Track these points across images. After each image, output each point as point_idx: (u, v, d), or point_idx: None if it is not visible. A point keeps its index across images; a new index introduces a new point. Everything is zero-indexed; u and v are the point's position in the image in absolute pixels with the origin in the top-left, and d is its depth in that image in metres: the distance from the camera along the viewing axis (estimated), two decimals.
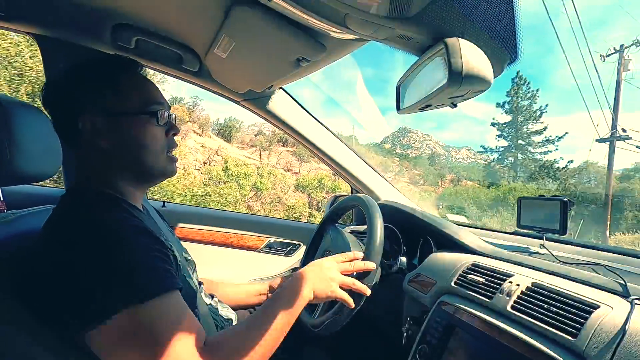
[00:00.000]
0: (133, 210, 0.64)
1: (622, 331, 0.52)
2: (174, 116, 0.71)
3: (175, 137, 0.72)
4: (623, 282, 0.64)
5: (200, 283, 0.85)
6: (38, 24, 0.94)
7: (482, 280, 0.78)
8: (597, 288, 0.65)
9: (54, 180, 4.27)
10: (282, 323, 0.63)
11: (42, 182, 0.86)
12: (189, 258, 0.82)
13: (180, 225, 1.46)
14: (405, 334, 0.93)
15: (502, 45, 0.59)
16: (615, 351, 0.51)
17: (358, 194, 1.09)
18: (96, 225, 0.52)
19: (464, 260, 0.88)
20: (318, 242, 1.18)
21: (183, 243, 0.99)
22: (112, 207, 0.59)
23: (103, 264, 0.49)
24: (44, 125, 0.69)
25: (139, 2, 0.82)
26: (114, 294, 0.48)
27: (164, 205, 1.47)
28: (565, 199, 0.87)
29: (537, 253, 0.91)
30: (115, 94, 0.63)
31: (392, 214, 1.24)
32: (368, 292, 0.81)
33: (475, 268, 0.84)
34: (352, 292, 0.81)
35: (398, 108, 0.74)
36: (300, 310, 0.69)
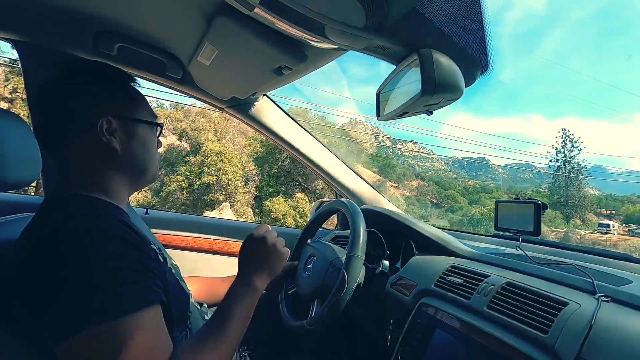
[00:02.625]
0: (118, 212, 0.63)
1: (589, 326, 0.55)
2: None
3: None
4: (591, 280, 0.67)
5: None
6: (18, 30, 0.93)
7: (460, 281, 0.80)
8: (567, 286, 0.69)
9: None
10: (242, 321, 0.64)
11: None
12: (174, 263, 0.82)
13: (164, 232, 1.44)
14: (389, 336, 0.94)
15: (474, 56, 0.62)
16: (582, 345, 0.54)
17: (342, 199, 1.10)
18: (73, 235, 0.51)
19: (444, 262, 0.91)
20: (302, 247, 1.19)
21: (168, 250, 0.99)
22: (94, 213, 0.58)
23: (77, 277, 0.48)
24: (22, 131, 0.68)
25: (121, 9, 0.82)
26: (84, 308, 0.46)
27: (147, 213, 1.45)
28: (539, 202, 0.90)
29: (513, 254, 0.95)
30: (129, 101, 0.68)
31: (376, 218, 1.26)
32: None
33: (454, 270, 0.86)
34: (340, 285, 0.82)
35: (378, 115, 0.77)
36: (256, 301, 0.69)
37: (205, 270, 1.47)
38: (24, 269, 0.50)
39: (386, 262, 1.09)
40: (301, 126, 1.36)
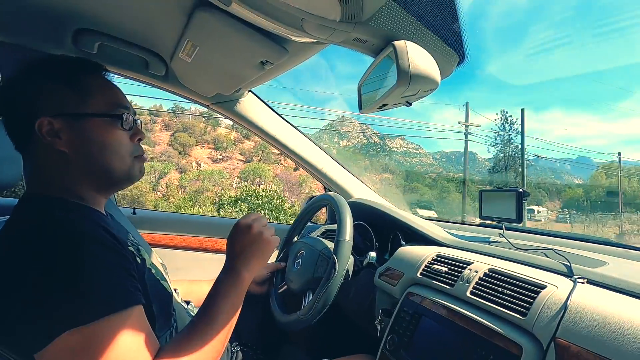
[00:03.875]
0: (93, 215, 0.62)
1: (564, 307, 0.57)
2: (140, 122, 0.70)
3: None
4: (568, 264, 0.69)
5: (175, 289, 0.84)
6: None
7: (445, 269, 0.82)
8: (546, 270, 0.71)
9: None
10: (230, 314, 0.62)
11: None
12: (161, 262, 0.82)
13: (153, 232, 1.44)
14: (378, 326, 0.96)
15: (450, 47, 0.63)
16: (558, 325, 0.56)
17: (328, 193, 1.11)
18: (48, 237, 0.50)
19: (429, 252, 0.92)
20: (290, 244, 1.20)
21: (157, 249, 0.98)
22: (66, 216, 0.56)
23: (54, 279, 0.47)
24: (2, 133, 0.67)
25: (99, 6, 0.81)
26: (62, 312, 0.46)
27: (134, 212, 1.45)
28: (520, 190, 0.92)
29: (497, 242, 0.97)
30: (76, 95, 0.60)
31: (364, 211, 1.27)
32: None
33: (439, 258, 0.88)
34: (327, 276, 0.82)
35: (360, 107, 0.78)
36: (244, 292, 0.66)
37: (196, 268, 1.47)
38: (1, 274, 0.48)
39: (373, 254, 1.11)
40: (287, 122, 1.37)
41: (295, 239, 1.21)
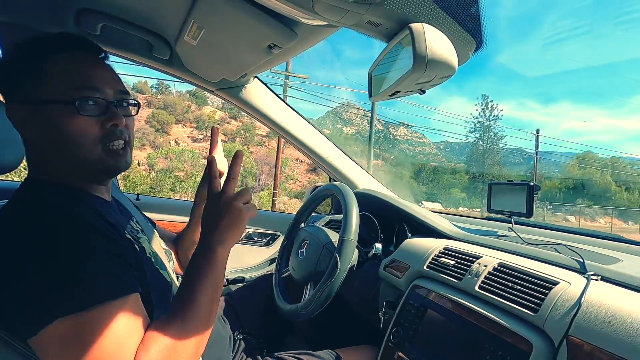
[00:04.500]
0: (90, 200, 0.60)
1: (578, 304, 0.55)
2: (114, 103, 0.60)
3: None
4: (581, 260, 0.67)
5: (179, 276, 0.83)
6: None
7: (452, 262, 0.80)
8: (558, 266, 0.69)
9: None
10: (209, 289, 0.57)
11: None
12: (165, 248, 0.80)
13: (156, 217, 1.43)
14: (382, 318, 0.95)
15: (468, 32, 0.60)
16: (571, 323, 0.54)
17: (334, 183, 1.10)
18: (41, 224, 0.49)
19: (436, 244, 0.91)
20: (295, 231, 1.19)
21: None
22: (61, 201, 0.55)
23: (47, 266, 0.46)
24: (3, 116, 0.66)
25: None
26: (54, 299, 0.45)
27: (137, 198, 1.44)
28: (532, 183, 0.90)
29: (506, 236, 0.95)
30: (37, 80, 0.56)
31: (369, 201, 1.26)
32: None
33: (446, 252, 0.86)
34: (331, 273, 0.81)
35: (370, 95, 0.75)
36: (222, 271, 0.59)
37: None
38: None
39: (379, 245, 1.09)
40: (293, 109, 1.34)
41: (303, 225, 1.20)
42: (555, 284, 0.61)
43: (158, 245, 0.75)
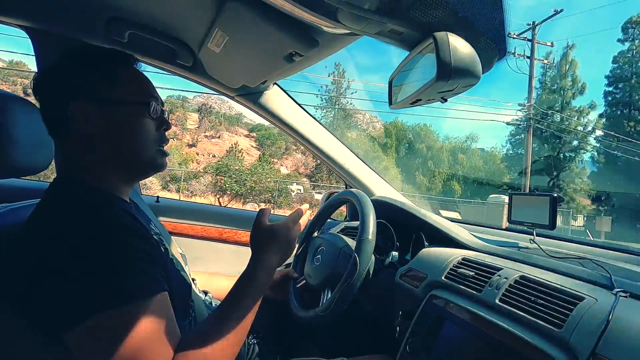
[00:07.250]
0: (120, 203, 0.63)
1: (606, 322, 0.53)
2: (167, 112, 0.72)
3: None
4: (608, 275, 0.65)
5: (193, 279, 0.85)
6: (30, 16, 0.93)
7: (471, 274, 0.79)
8: (584, 281, 0.67)
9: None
10: (250, 309, 0.63)
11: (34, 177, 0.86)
12: (181, 252, 0.82)
13: (174, 220, 1.45)
14: (397, 327, 0.94)
15: (491, 40, 0.60)
16: (598, 341, 0.52)
17: (351, 189, 1.09)
18: (78, 222, 0.52)
19: (455, 254, 0.89)
20: (310, 238, 1.19)
21: (177, 238, 0.99)
22: (96, 201, 0.58)
23: (81, 264, 0.48)
24: (34, 118, 0.69)
25: None
26: (92, 295, 0.47)
27: (157, 201, 1.47)
28: (555, 195, 0.88)
29: (527, 248, 0.93)
30: (109, 83, 0.63)
31: (386, 209, 1.25)
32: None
33: (465, 262, 0.85)
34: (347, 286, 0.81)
35: (390, 103, 0.75)
36: (266, 287, 0.69)
37: (214, 258, 1.48)
38: (32, 256, 0.50)
39: (395, 254, 1.08)
40: (312, 116, 1.35)
41: (315, 234, 1.20)
42: (582, 299, 0.59)
43: (175, 248, 0.77)
